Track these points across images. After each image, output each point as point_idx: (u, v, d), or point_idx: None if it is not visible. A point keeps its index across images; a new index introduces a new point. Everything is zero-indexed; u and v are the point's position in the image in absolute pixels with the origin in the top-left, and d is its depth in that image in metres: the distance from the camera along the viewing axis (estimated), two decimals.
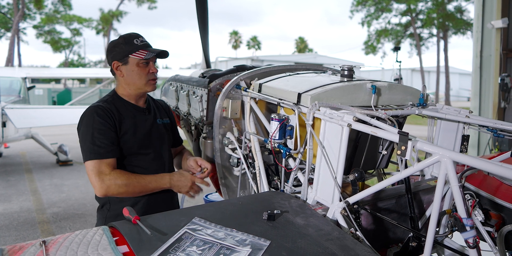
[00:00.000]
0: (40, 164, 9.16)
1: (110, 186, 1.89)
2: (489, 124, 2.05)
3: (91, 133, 1.95)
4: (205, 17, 3.71)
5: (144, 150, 2.11)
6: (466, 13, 30.28)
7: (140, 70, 2.07)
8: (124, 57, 2.05)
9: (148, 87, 2.12)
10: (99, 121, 1.96)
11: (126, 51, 2.04)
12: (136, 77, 2.07)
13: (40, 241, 1.36)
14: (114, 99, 2.12)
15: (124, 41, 2.06)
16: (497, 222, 2.03)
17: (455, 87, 43.88)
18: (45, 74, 13.22)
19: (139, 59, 2.04)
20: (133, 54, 2.03)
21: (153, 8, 40.79)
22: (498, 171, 1.34)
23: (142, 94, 2.16)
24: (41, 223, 5.35)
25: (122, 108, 2.10)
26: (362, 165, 2.18)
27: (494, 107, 6.87)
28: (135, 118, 2.12)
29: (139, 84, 2.09)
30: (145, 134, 2.12)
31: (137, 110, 2.15)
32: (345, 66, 2.19)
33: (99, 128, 1.96)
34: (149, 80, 2.10)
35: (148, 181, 1.98)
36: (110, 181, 1.89)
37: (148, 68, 2.09)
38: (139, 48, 2.04)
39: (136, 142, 2.08)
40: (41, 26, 37.56)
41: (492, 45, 6.94)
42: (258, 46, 49.76)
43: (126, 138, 2.04)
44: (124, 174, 1.93)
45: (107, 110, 2.02)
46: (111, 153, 1.95)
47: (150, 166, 2.12)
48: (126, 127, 2.05)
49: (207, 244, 1.41)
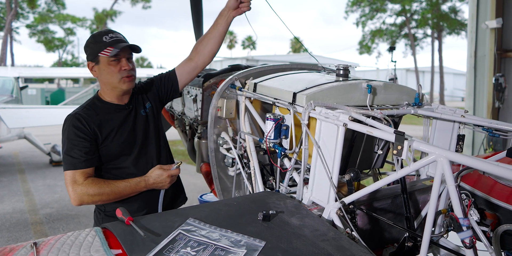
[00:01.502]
0: (33, 164, 9.08)
1: (83, 196, 1.86)
2: (484, 123, 2.05)
3: (66, 144, 1.93)
4: (199, 17, 3.69)
5: (129, 150, 2.05)
6: (461, 14, 30.48)
7: (111, 68, 1.96)
8: (95, 57, 1.97)
9: (123, 85, 1.99)
10: (73, 132, 1.92)
11: (95, 50, 1.95)
12: (109, 76, 1.98)
13: (31, 243, 1.34)
14: (94, 103, 2.06)
15: (94, 40, 1.97)
16: (492, 222, 2.03)
17: (450, 87, 44.11)
18: (38, 73, 13.15)
19: (107, 57, 1.94)
20: (101, 52, 1.93)
21: (147, 8, 40.64)
22: (495, 171, 1.34)
23: (122, 93, 2.05)
24: (34, 224, 5.30)
25: (102, 112, 2.02)
26: (358, 165, 2.18)
27: (489, 107, 6.91)
28: (117, 119, 2.04)
29: (113, 83, 1.99)
30: (129, 132, 2.06)
31: (119, 109, 2.07)
32: (340, 66, 2.18)
33: (73, 139, 1.92)
34: (123, 78, 1.98)
35: (122, 188, 1.92)
36: (82, 191, 1.86)
37: (120, 66, 1.97)
38: (107, 45, 1.93)
39: (119, 144, 2.02)
40: (34, 26, 37.27)
41: (487, 45, 6.97)
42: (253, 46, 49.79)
43: (107, 143, 1.99)
44: (96, 184, 1.88)
45: (85, 118, 1.95)
46: (84, 163, 1.90)
47: (136, 165, 2.07)
48: (107, 132, 1.99)
49: (202, 245, 1.39)
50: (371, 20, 33.58)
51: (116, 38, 1.97)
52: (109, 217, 2.05)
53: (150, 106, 2.20)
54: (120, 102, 2.08)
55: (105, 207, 2.08)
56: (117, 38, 1.97)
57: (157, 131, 2.20)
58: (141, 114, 2.14)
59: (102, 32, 2.00)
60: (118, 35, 2.00)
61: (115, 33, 2.00)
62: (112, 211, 2.05)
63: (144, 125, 2.13)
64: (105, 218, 2.07)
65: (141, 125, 2.12)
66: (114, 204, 1.99)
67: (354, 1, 32.55)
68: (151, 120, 2.17)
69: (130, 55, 2.02)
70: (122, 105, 2.08)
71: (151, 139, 2.15)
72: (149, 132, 2.15)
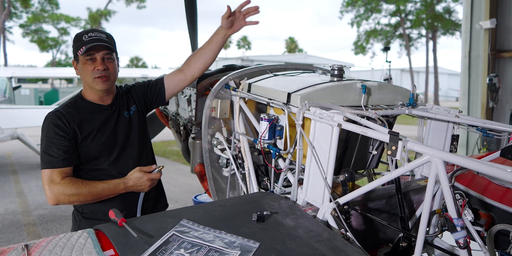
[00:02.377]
0: (26, 165, 9.02)
1: (59, 195, 1.83)
2: (478, 124, 2.05)
3: (45, 142, 1.90)
4: (194, 16, 3.68)
5: (108, 152, 2.02)
6: (455, 14, 30.66)
7: (86, 67, 1.94)
8: (75, 56, 1.97)
9: (96, 85, 1.96)
10: (53, 130, 1.90)
11: (75, 48, 1.95)
12: (84, 74, 1.97)
13: (23, 245, 1.32)
14: (76, 101, 2.03)
15: (76, 39, 1.96)
16: (486, 222, 2.04)
17: (444, 87, 44.36)
18: (32, 73, 13.08)
19: (83, 56, 1.92)
20: (78, 51, 1.92)
21: (142, 8, 40.53)
22: (489, 171, 1.34)
23: (101, 93, 2.02)
24: (27, 225, 5.25)
25: (84, 111, 2.00)
26: (352, 165, 2.17)
27: (483, 107, 6.95)
28: (99, 119, 2.02)
29: (88, 82, 1.98)
30: (110, 133, 2.03)
31: (101, 109, 2.05)
32: (335, 66, 2.17)
33: (52, 137, 1.89)
34: (95, 78, 1.94)
35: (101, 190, 1.89)
36: (59, 190, 1.83)
37: (94, 65, 1.94)
38: (84, 44, 1.90)
39: (99, 145, 1.99)
40: (28, 25, 37.03)
41: (481, 45, 7.02)
42: (248, 46, 49.78)
43: (87, 142, 1.96)
44: (74, 183, 1.86)
45: (65, 116, 1.93)
46: (62, 162, 1.88)
47: (115, 167, 2.04)
48: (87, 132, 1.96)
49: (195, 246, 1.38)
50: (366, 21, 33.71)
51: (94, 37, 1.93)
52: (87, 219, 2.03)
53: (136, 109, 2.18)
54: (103, 103, 2.06)
55: (83, 209, 2.05)
56: (95, 37, 1.94)
57: (140, 134, 2.17)
58: (124, 115, 2.11)
59: (84, 31, 1.99)
60: (99, 35, 1.96)
61: (97, 32, 1.97)
62: (90, 213, 2.04)
63: (127, 127, 2.10)
64: (82, 220, 2.04)
65: (123, 127, 2.09)
66: (92, 206, 1.98)
67: (349, 1, 32.64)
68: (134, 123, 2.15)
69: (108, 55, 1.98)
70: (104, 106, 2.06)
71: (132, 141, 2.12)
72: (130, 135, 2.12)
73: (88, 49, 1.90)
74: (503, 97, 7.00)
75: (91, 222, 1.76)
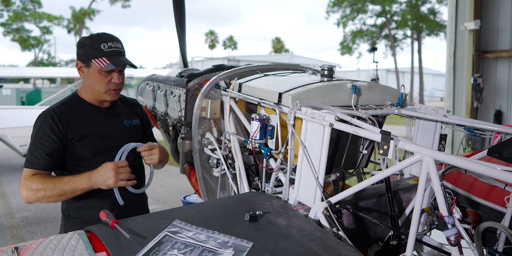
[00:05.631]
0: (8, 166, 8.85)
1: (28, 192, 1.79)
2: (466, 123, 2.09)
3: (33, 141, 1.88)
4: (182, 16, 3.66)
5: (98, 156, 1.95)
6: (439, 15, 31.14)
7: (101, 78, 1.91)
8: (87, 60, 1.91)
9: (107, 96, 1.96)
10: (43, 130, 1.86)
11: (90, 54, 1.89)
12: (96, 83, 1.93)
13: (12, 248, 1.30)
14: (72, 100, 2.00)
15: (91, 44, 1.90)
16: (474, 220, 2.07)
17: (429, 88, 45.03)
18: (13, 73, 12.83)
19: (101, 68, 1.88)
20: (96, 60, 1.87)
21: (127, 7, 40.09)
22: (480, 170, 1.37)
23: (103, 101, 2.01)
24: (10, 228, 5.15)
25: (79, 111, 1.96)
26: (343, 165, 2.19)
27: (467, 107, 7.08)
28: (94, 121, 1.98)
29: (98, 91, 1.95)
30: (103, 137, 1.98)
31: (98, 111, 2.02)
32: (325, 66, 2.19)
33: (41, 136, 1.86)
34: (109, 90, 1.94)
35: (65, 182, 1.81)
36: (27, 186, 1.79)
37: (110, 77, 1.92)
38: (104, 55, 1.87)
39: (89, 147, 1.94)
40: (9, 24, 36.35)
41: (465, 46, 7.15)
42: (235, 46, 49.68)
43: (77, 144, 1.92)
44: (41, 178, 1.81)
45: (59, 116, 1.89)
46: (43, 165, 1.85)
47: None
48: (80, 132, 1.92)
49: (189, 247, 1.37)
50: (352, 21, 33.96)
51: (115, 49, 1.91)
52: (73, 223, 1.98)
53: (139, 124, 2.18)
54: (100, 105, 2.03)
55: (69, 212, 2.01)
56: (116, 49, 1.91)
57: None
58: (123, 123, 2.09)
59: (102, 36, 1.92)
60: (118, 46, 1.93)
61: (115, 42, 1.93)
62: (77, 218, 1.99)
63: (122, 134, 2.06)
64: (68, 225, 1.99)
65: (120, 133, 2.05)
66: (78, 209, 1.97)
67: (335, 1, 32.84)
68: (133, 135, 2.12)
69: (123, 68, 1.98)
70: (101, 108, 2.03)
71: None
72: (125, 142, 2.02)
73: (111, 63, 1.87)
74: (487, 97, 7.14)
75: (79, 226, 1.70)
